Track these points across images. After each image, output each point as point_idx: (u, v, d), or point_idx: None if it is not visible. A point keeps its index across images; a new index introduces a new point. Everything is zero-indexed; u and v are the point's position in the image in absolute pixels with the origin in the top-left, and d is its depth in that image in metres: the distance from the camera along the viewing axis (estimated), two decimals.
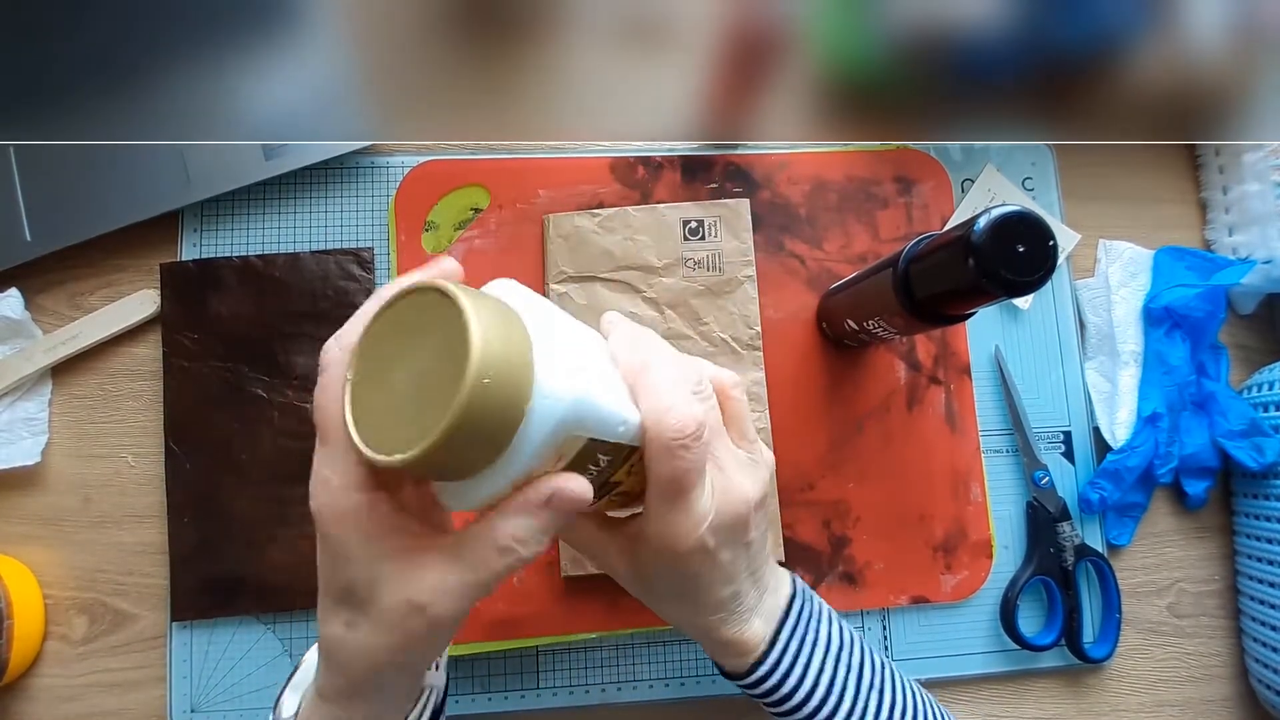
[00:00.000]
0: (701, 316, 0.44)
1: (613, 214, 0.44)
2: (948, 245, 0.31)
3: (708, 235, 0.44)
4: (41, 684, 0.42)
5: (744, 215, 0.45)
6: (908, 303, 0.34)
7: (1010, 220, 0.28)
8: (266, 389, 0.43)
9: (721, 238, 0.44)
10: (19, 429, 0.42)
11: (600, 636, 0.43)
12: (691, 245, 0.44)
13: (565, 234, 0.44)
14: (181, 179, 0.43)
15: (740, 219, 0.45)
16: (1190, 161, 0.52)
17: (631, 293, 0.44)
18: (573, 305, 0.44)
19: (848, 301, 0.41)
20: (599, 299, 0.44)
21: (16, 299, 0.43)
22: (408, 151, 0.47)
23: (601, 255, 0.44)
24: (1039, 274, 0.28)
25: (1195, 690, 0.46)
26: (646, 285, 0.44)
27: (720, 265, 0.44)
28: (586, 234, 0.44)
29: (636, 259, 0.44)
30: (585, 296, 0.44)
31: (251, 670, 0.42)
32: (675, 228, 0.44)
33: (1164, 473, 0.45)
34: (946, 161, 0.49)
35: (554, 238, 0.44)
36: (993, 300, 0.31)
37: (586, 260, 0.44)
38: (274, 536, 0.42)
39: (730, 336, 0.44)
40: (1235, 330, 0.50)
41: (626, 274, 0.44)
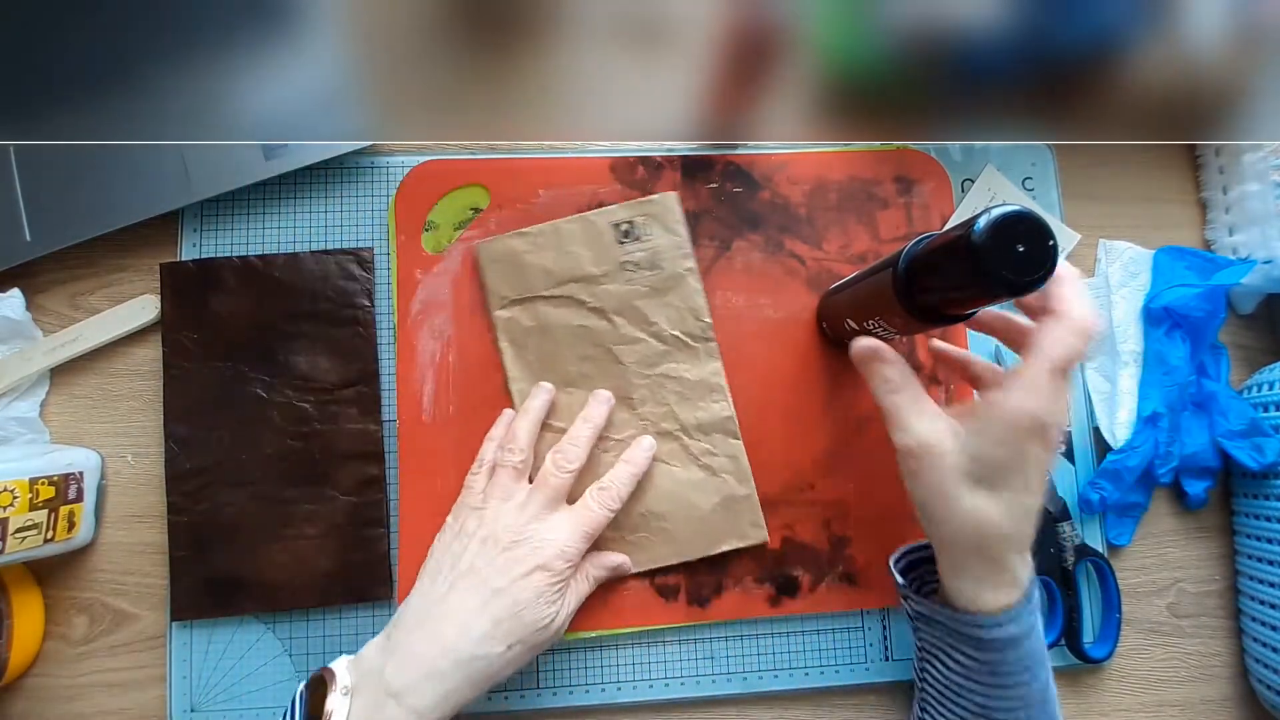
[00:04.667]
0: (650, 317, 0.43)
1: (543, 229, 0.44)
2: (947, 245, 0.30)
3: (641, 235, 0.44)
4: (41, 684, 0.42)
5: (673, 208, 0.44)
6: (907, 303, 0.34)
7: (1010, 220, 0.28)
8: (266, 389, 0.43)
9: (655, 235, 0.44)
10: (14, 428, 0.43)
11: (600, 636, 0.43)
12: (627, 247, 0.44)
13: (498, 258, 0.44)
14: (181, 179, 0.43)
15: (670, 213, 0.44)
16: (1190, 161, 0.52)
17: (576, 305, 0.43)
18: (519, 327, 0.43)
19: (847, 301, 0.41)
20: (545, 317, 0.43)
21: (17, 299, 0.43)
22: (408, 151, 0.47)
23: (539, 274, 0.44)
24: (1039, 274, 0.28)
25: (1195, 690, 0.46)
26: (590, 295, 0.43)
27: (658, 263, 0.44)
28: (520, 255, 0.44)
29: (575, 271, 0.44)
30: (531, 317, 0.43)
31: (251, 670, 0.42)
32: (606, 233, 0.44)
33: (1164, 473, 0.45)
34: (946, 161, 0.49)
35: (488, 264, 0.44)
36: (993, 300, 0.31)
37: (525, 281, 0.44)
38: (274, 536, 0.42)
39: (681, 332, 0.44)
40: (1235, 330, 0.50)
41: (568, 288, 0.44)
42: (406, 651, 0.33)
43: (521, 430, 0.40)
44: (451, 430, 0.43)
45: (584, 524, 0.37)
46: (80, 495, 0.41)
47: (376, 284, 0.45)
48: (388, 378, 0.44)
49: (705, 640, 0.44)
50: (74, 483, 0.41)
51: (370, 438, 0.43)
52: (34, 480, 0.38)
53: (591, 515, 0.38)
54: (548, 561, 0.35)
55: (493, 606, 0.34)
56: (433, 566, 0.37)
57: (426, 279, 0.44)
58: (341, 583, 0.42)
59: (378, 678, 0.33)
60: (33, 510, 0.38)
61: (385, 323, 0.45)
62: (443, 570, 0.36)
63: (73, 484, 0.41)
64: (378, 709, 0.32)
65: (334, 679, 0.33)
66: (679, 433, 0.43)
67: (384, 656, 0.34)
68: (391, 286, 0.44)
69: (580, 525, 0.37)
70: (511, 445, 0.40)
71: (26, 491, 0.38)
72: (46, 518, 0.39)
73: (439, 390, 0.43)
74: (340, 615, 0.43)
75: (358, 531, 0.42)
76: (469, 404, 0.43)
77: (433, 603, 0.35)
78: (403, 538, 0.42)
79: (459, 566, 0.36)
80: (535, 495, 0.38)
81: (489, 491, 0.39)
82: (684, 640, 0.44)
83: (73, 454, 0.42)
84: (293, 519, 0.42)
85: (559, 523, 0.37)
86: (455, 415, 0.43)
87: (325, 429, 0.43)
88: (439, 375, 0.44)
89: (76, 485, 0.41)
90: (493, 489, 0.39)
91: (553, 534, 0.36)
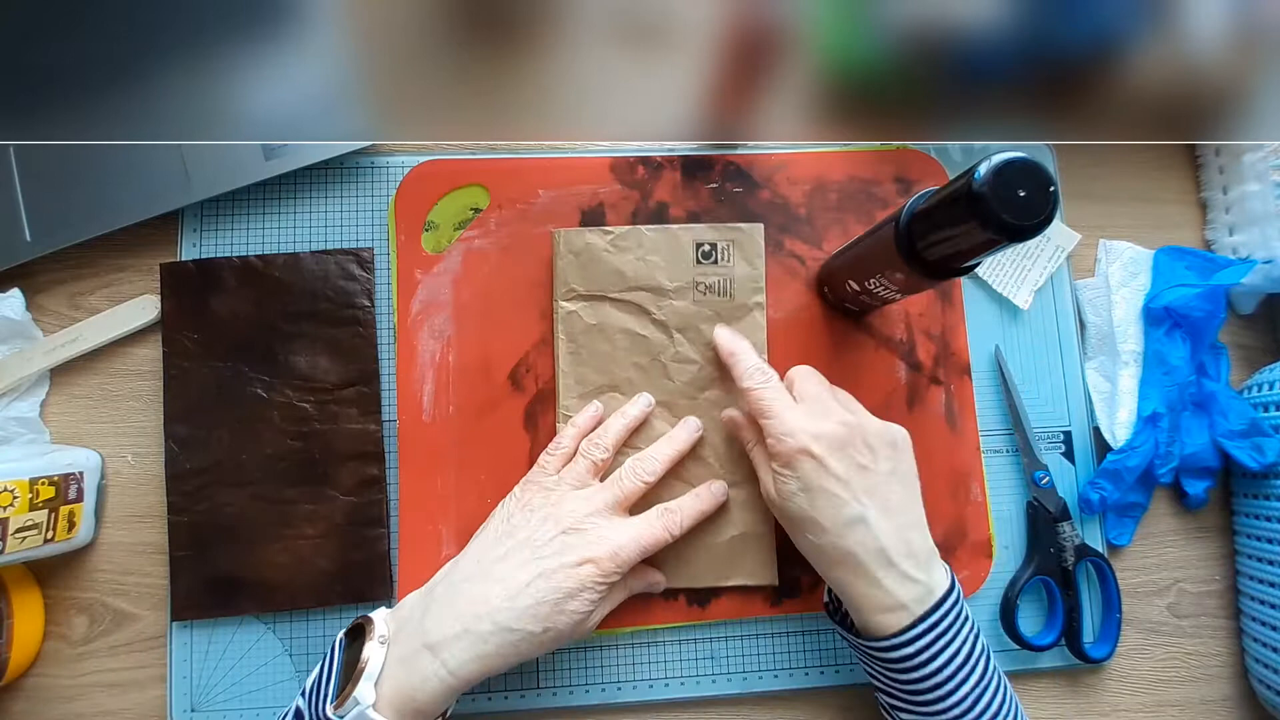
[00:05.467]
0: (710, 342, 0.43)
1: (626, 232, 0.44)
2: (949, 193, 0.31)
3: (720, 259, 0.44)
4: (41, 684, 0.42)
5: (757, 240, 0.44)
6: (909, 256, 0.34)
7: (1011, 165, 0.28)
8: (266, 389, 0.43)
9: (734, 263, 0.44)
10: (14, 428, 0.43)
11: (600, 636, 0.43)
12: (703, 269, 0.43)
13: (576, 250, 0.44)
14: (181, 179, 0.43)
15: (754, 244, 0.44)
16: (1190, 161, 0.52)
17: (641, 314, 0.43)
18: (581, 323, 0.43)
19: (850, 261, 0.41)
20: (608, 318, 0.43)
21: (17, 299, 0.43)
22: (408, 151, 0.47)
23: (613, 274, 0.43)
24: (1040, 218, 0.28)
25: (1195, 690, 0.46)
26: (656, 307, 0.43)
27: (731, 291, 0.44)
28: (598, 251, 0.43)
29: (648, 280, 0.43)
30: (594, 316, 0.43)
31: (251, 670, 0.42)
32: (688, 250, 0.44)
33: (1164, 473, 0.45)
34: (946, 161, 0.49)
35: (564, 253, 0.43)
36: (994, 247, 0.31)
37: (597, 279, 0.43)
38: (274, 536, 0.42)
39: None
40: (1235, 330, 0.50)
41: (637, 295, 0.43)
42: (449, 605, 0.34)
43: (614, 430, 0.41)
44: (451, 430, 0.43)
45: (644, 538, 0.37)
46: (80, 495, 0.41)
47: (376, 284, 0.45)
48: (388, 378, 0.44)
49: (705, 640, 0.44)
50: (74, 483, 0.41)
51: (370, 438, 0.43)
52: (34, 480, 0.38)
53: (654, 533, 0.38)
54: (600, 558, 0.35)
55: (538, 586, 0.34)
56: (492, 530, 0.38)
57: (426, 279, 0.44)
58: (341, 583, 0.42)
59: (416, 626, 0.34)
60: (33, 510, 0.38)
61: (385, 323, 0.45)
62: (499, 536, 0.37)
63: (73, 484, 0.41)
64: (413, 658, 0.33)
65: (372, 627, 0.34)
66: (711, 459, 0.43)
67: (424, 607, 0.34)
68: (391, 286, 0.44)
69: (641, 538, 0.37)
70: (600, 441, 0.40)
71: (26, 491, 0.38)
72: (46, 518, 0.39)
73: (439, 390, 0.43)
74: (340, 615, 0.43)
75: (357, 531, 0.42)
76: (469, 404, 0.43)
77: (488, 564, 0.35)
78: (403, 538, 0.42)
79: (516, 536, 0.36)
80: (605, 493, 0.38)
81: (563, 476, 0.39)
82: (684, 640, 0.44)
83: (73, 454, 0.42)
84: (293, 519, 0.42)
85: (621, 526, 0.37)
86: (455, 415, 0.43)
87: (325, 429, 0.43)
88: (439, 375, 0.44)
89: (76, 485, 0.41)
90: (567, 474, 0.39)
91: (613, 534, 0.37)
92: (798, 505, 0.35)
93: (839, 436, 0.35)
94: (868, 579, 0.34)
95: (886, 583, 0.34)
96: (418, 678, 0.32)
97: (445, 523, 0.42)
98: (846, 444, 0.35)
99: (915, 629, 0.34)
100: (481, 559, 0.36)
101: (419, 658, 0.33)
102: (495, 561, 0.35)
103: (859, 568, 0.34)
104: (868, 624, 0.35)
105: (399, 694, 0.32)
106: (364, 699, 0.31)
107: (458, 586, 0.35)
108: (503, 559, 0.36)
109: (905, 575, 0.34)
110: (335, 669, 0.33)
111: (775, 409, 0.37)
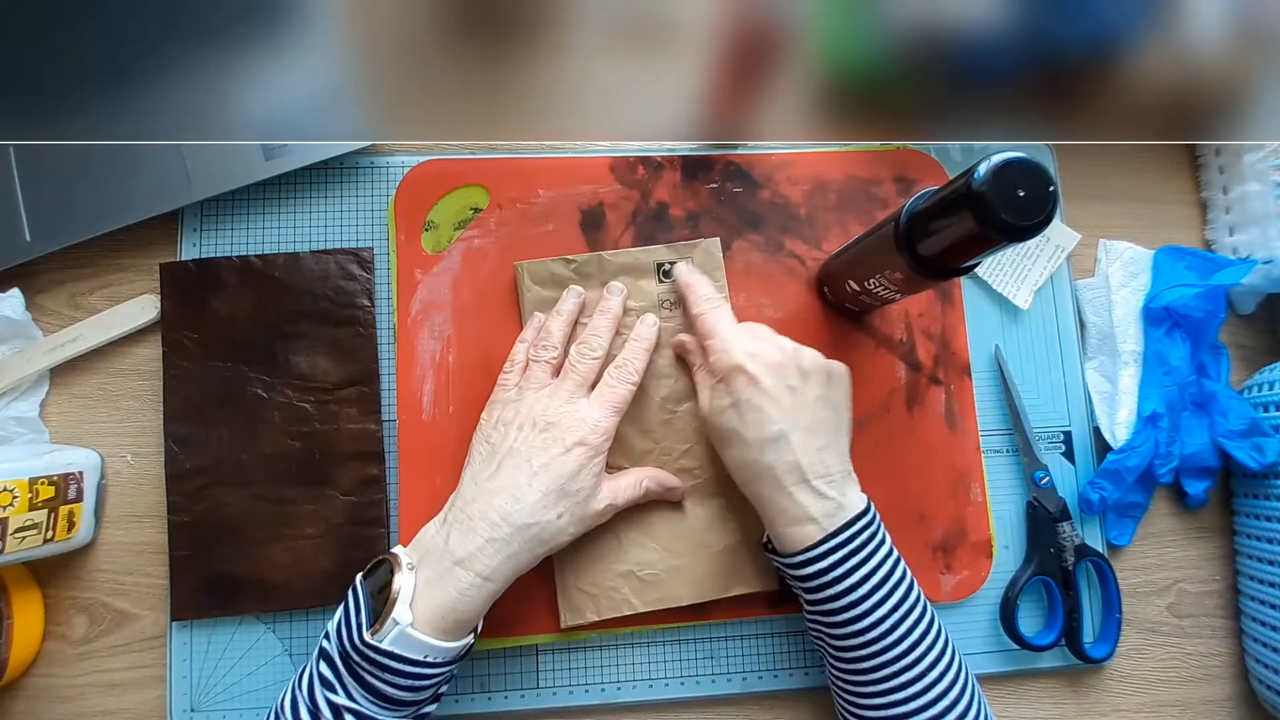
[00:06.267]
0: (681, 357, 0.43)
1: (588, 259, 0.44)
2: (949, 193, 0.31)
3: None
4: (41, 684, 0.42)
5: (715, 255, 0.45)
6: (909, 255, 0.34)
7: (1010, 165, 0.28)
8: (266, 389, 0.43)
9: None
10: (14, 428, 0.43)
11: (600, 636, 0.43)
12: (666, 286, 0.44)
13: (541, 281, 0.44)
14: (181, 179, 0.43)
15: (711, 259, 0.45)
16: (1190, 161, 0.52)
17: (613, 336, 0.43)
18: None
19: (849, 261, 0.41)
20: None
21: (17, 299, 0.43)
22: (408, 151, 0.47)
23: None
24: (1039, 218, 0.28)
25: (1195, 690, 0.46)
26: (625, 327, 0.43)
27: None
28: (562, 281, 0.44)
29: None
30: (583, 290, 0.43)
31: (251, 670, 0.42)
32: (650, 270, 0.44)
33: (1164, 473, 0.45)
34: (946, 161, 0.49)
35: (529, 285, 0.44)
36: (994, 247, 0.31)
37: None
38: (274, 536, 0.42)
39: None
40: (1235, 330, 0.50)
41: None
42: (466, 525, 0.35)
43: (555, 328, 0.42)
44: (451, 430, 0.43)
45: (610, 400, 0.39)
46: (80, 495, 0.41)
47: (376, 284, 0.45)
48: (388, 378, 0.44)
49: (705, 640, 0.44)
50: (74, 483, 0.41)
51: (370, 438, 0.43)
52: (34, 480, 0.38)
53: (615, 391, 0.40)
54: (584, 437, 0.37)
55: (539, 480, 0.36)
56: (477, 456, 0.39)
57: (426, 279, 0.44)
58: (341, 583, 0.42)
59: (441, 549, 0.35)
60: (33, 510, 0.38)
61: (385, 323, 0.45)
62: (486, 457, 0.38)
63: (73, 484, 0.41)
64: (446, 576, 0.34)
65: (397, 560, 0.35)
66: (698, 471, 0.43)
67: (444, 532, 0.36)
68: (391, 286, 0.44)
69: (607, 402, 0.39)
70: (545, 342, 0.41)
71: (26, 491, 0.38)
72: (46, 518, 0.39)
73: (439, 390, 0.43)
74: None
75: (357, 531, 0.42)
76: (469, 404, 0.43)
77: (483, 482, 0.37)
78: (403, 538, 0.42)
79: (500, 449, 0.38)
80: (564, 383, 0.40)
81: (523, 384, 0.40)
82: (684, 640, 0.44)
83: (73, 454, 0.42)
84: (293, 519, 0.42)
85: (589, 404, 0.39)
86: (455, 415, 0.43)
87: (325, 429, 0.43)
88: (439, 375, 0.44)
89: (76, 485, 0.41)
90: (526, 381, 0.40)
91: (585, 413, 0.38)
92: (727, 419, 0.37)
93: (774, 359, 0.37)
94: (782, 493, 0.36)
95: (798, 496, 0.35)
96: (454, 591, 0.34)
97: None
98: (781, 366, 0.37)
99: (825, 544, 0.35)
100: (478, 481, 0.37)
101: (451, 574, 0.34)
102: (490, 478, 0.37)
103: (774, 481, 0.36)
104: (781, 539, 0.36)
105: (436, 610, 0.34)
106: (402, 619, 0.33)
107: (466, 509, 0.36)
108: (496, 473, 0.37)
109: (817, 492, 0.35)
110: (363, 603, 0.34)
111: (719, 330, 0.39)
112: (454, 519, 0.36)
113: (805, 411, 0.36)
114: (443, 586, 0.34)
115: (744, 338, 0.38)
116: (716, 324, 0.39)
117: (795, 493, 0.35)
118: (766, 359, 0.37)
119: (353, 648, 0.33)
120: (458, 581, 0.34)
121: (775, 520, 0.36)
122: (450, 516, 0.36)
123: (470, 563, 0.34)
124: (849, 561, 0.35)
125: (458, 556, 0.34)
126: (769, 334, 0.39)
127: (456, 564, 0.34)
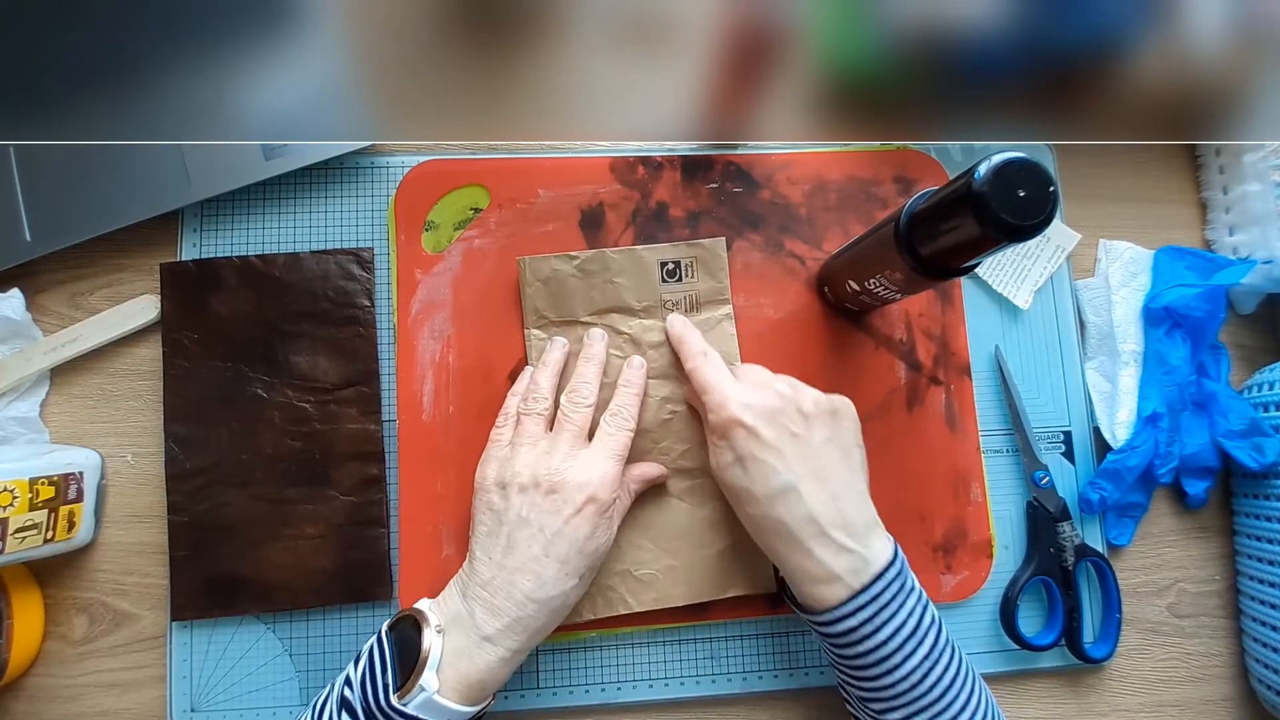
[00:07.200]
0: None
1: (591, 256, 0.44)
2: (949, 193, 0.31)
3: (684, 277, 0.44)
4: (41, 684, 0.42)
5: (720, 255, 0.45)
6: (909, 255, 0.34)
7: (1011, 166, 0.28)
8: (266, 389, 0.43)
9: (698, 278, 0.44)
10: (14, 428, 0.43)
11: (600, 636, 0.43)
12: (669, 287, 0.44)
13: (543, 277, 0.44)
14: (181, 179, 0.43)
15: (716, 259, 0.44)
16: (1190, 161, 0.52)
17: (613, 334, 0.43)
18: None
19: (849, 261, 0.41)
20: (579, 343, 0.43)
21: (17, 299, 0.43)
22: (408, 151, 0.47)
23: (581, 299, 0.44)
24: (1039, 218, 0.28)
25: (1195, 690, 0.46)
26: (627, 327, 0.43)
27: (698, 305, 0.44)
28: (565, 277, 0.44)
29: (616, 301, 0.44)
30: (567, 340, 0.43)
31: (251, 670, 0.42)
32: (653, 270, 0.44)
33: (1164, 473, 0.45)
34: (946, 161, 0.49)
35: (531, 281, 0.44)
36: (994, 247, 0.31)
37: (566, 304, 0.44)
38: (274, 536, 0.42)
39: None
40: (1235, 330, 0.50)
41: (608, 316, 0.44)
42: (489, 604, 0.35)
43: (543, 380, 0.41)
44: (451, 430, 0.43)
45: (612, 448, 0.39)
46: (80, 495, 0.41)
47: (376, 284, 0.45)
48: (388, 378, 0.44)
49: (705, 640, 0.44)
50: (74, 483, 0.41)
51: (370, 438, 0.43)
52: (34, 480, 0.38)
53: (615, 439, 0.39)
54: (594, 493, 0.36)
55: (555, 549, 0.35)
56: (482, 526, 0.38)
57: (426, 279, 0.44)
58: (341, 583, 0.42)
59: (469, 622, 0.35)
60: (33, 510, 0.38)
61: (385, 323, 0.45)
62: (493, 527, 0.37)
63: (73, 484, 0.41)
64: (474, 650, 0.34)
65: (425, 618, 0.35)
66: (697, 471, 0.43)
67: (468, 606, 0.35)
68: (391, 286, 0.44)
69: (609, 450, 0.38)
70: (535, 394, 0.40)
71: (26, 491, 0.38)
72: (46, 518, 0.39)
73: (439, 390, 0.43)
74: (340, 615, 0.43)
75: (358, 531, 0.42)
76: (469, 404, 0.43)
77: (498, 558, 0.36)
78: (403, 538, 0.42)
79: (508, 518, 0.37)
80: (560, 436, 0.39)
81: (516, 440, 0.39)
82: (684, 640, 0.44)
83: (73, 454, 0.42)
84: (293, 519, 0.42)
85: (590, 456, 0.38)
86: (455, 415, 0.43)
87: (325, 429, 0.43)
88: (439, 375, 0.44)
89: (76, 485, 0.41)
90: (520, 437, 0.39)
91: (589, 466, 0.37)
92: (733, 476, 0.36)
93: (771, 405, 0.36)
94: (800, 549, 0.34)
95: (818, 553, 0.34)
96: (483, 665, 0.34)
97: (445, 523, 0.42)
98: (779, 413, 0.36)
99: (852, 603, 0.33)
100: (492, 556, 0.36)
101: (479, 649, 0.34)
102: (505, 553, 0.36)
103: (790, 537, 0.34)
104: (806, 597, 0.35)
105: (463, 680, 0.33)
106: (429, 686, 0.33)
107: (487, 588, 0.35)
108: (510, 549, 0.36)
109: (839, 545, 0.34)
110: (390, 661, 0.34)
111: (712, 383, 0.38)
112: (474, 595, 0.35)
113: (812, 459, 0.35)
114: (470, 659, 0.34)
115: (739, 388, 0.37)
116: (711, 378, 0.38)
117: (814, 549, 0.34)
118: (764, 408, 0.36)
119: (378, 708, 0.32)
120: (486, 656, 0.34)
121: (798, 579, 0.35)
122: (470, 593, 0.36)
123: (499, 639, 0.34)
124: (878, 618, 0.33)
125: (485, 633, 0.34)
126: (766, 379, 0.38)
127: (485, 639, 0.34)
